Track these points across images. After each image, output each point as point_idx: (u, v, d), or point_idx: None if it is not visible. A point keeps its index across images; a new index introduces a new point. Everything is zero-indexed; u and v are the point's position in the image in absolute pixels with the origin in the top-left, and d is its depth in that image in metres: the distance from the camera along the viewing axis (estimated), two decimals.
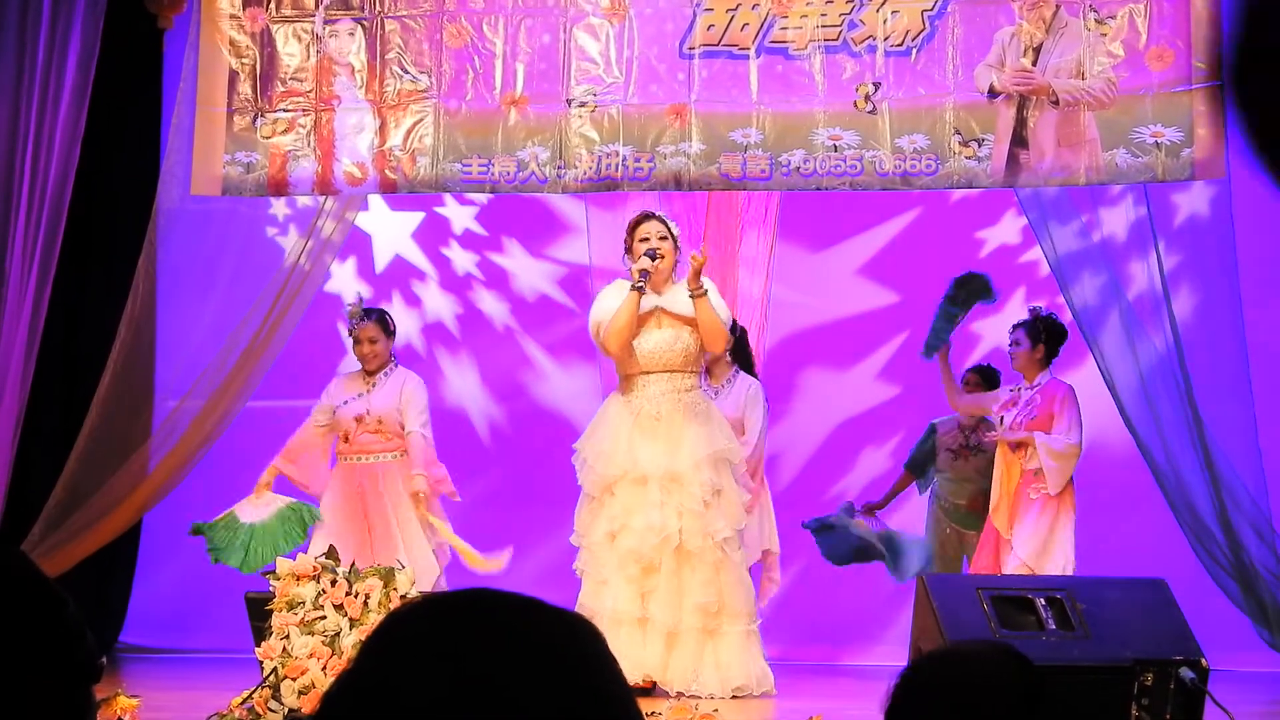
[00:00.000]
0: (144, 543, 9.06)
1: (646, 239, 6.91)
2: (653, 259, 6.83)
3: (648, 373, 6.91)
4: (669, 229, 6.97)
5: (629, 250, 7.02)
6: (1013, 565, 7.53)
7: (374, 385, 7.81)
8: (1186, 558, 7.61)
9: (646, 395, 6.88)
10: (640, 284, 6.81)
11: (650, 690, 6.59)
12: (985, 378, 8.57)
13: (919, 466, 8.64)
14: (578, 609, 6.69)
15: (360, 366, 7.87)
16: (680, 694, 6.52)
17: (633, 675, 6.55)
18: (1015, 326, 7.92)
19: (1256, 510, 7.52)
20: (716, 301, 6.91)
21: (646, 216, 7.04)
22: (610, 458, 6.79)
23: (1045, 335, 7.79)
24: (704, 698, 6.50)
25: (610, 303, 6.95)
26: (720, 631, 6.74)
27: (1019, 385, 7.87)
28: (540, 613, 1.29)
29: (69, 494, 8.12)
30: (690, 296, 6.82)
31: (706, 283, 6.91)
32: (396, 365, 7.92)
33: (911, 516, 8.65)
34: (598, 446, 6.87)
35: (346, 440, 7.78)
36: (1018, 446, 7.66)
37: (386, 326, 7.90)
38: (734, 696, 6.62)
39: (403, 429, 7.72)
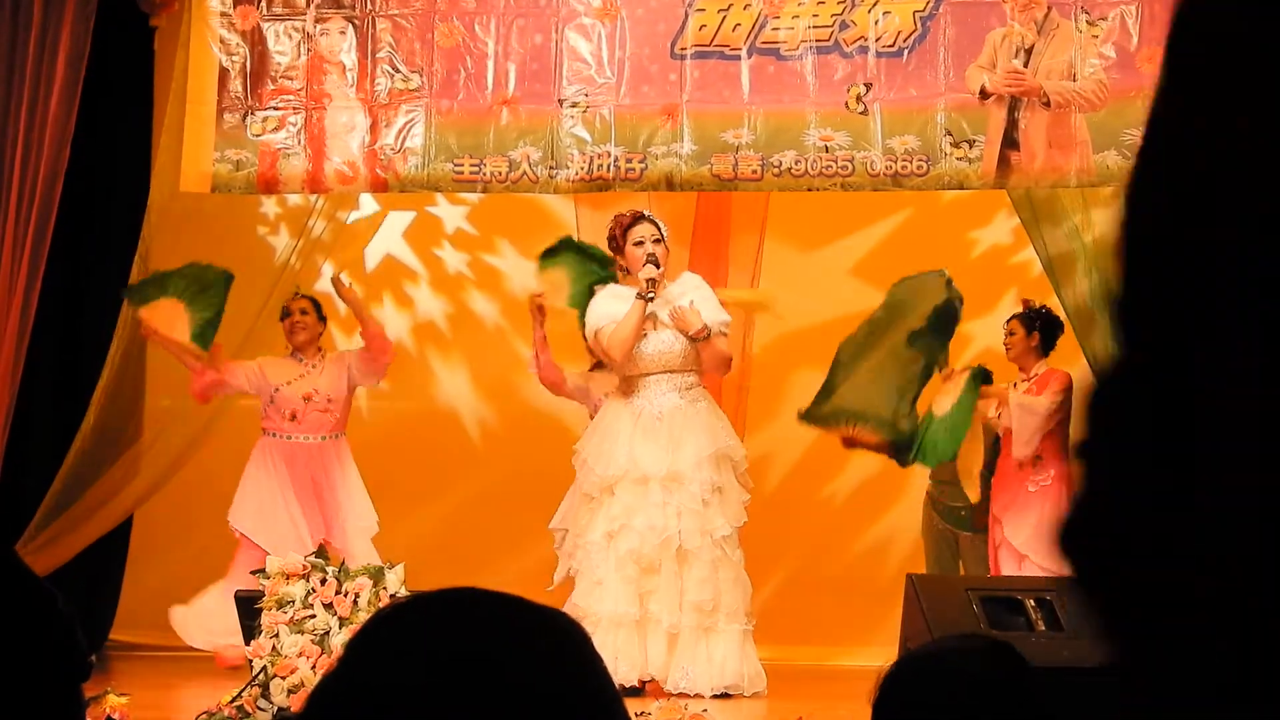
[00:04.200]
0: (134, 540, 9.05)
1: (641, 243, 6.90)
2: (657, 267, 6.84)
3: (648, 374, 6.91)
4: (660, 231, 6.98)
5: (619, 250, 7.00)
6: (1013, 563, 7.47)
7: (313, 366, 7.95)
8: None
9: (648, 396, 6.88)
10: (650, 294, 6.82)
11: (640, 690, 6.58)
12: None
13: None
14: (569, 609, 6.69)
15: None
16: (669, 693, 6.52)
17: (630, 676, 6.54)
18: (1009, 319, 7.94)
19: None
20: (716, 320, 6.92)
21: (639, 219, 7.02)
22: (611, 458, 6.79)
23: (1040, 323, 7.80)
24: (693, 696, 6.50)
25: (607, 309, 6.93)
26: (716, 629, 6.74)
27: (1016, 381, 7.83)
28: (527, 611, 1.29)
29: (63, 492, 8.13)
30: (694, 340, 6.86)
31: (699, 296, 6.92)
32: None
33: (905, 514, 8.66)
34: (598, 446, 6.87)
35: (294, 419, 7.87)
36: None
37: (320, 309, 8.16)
38: (724, 695, 6.62)
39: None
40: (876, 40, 7.58)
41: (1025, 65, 7.50)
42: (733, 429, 7.11)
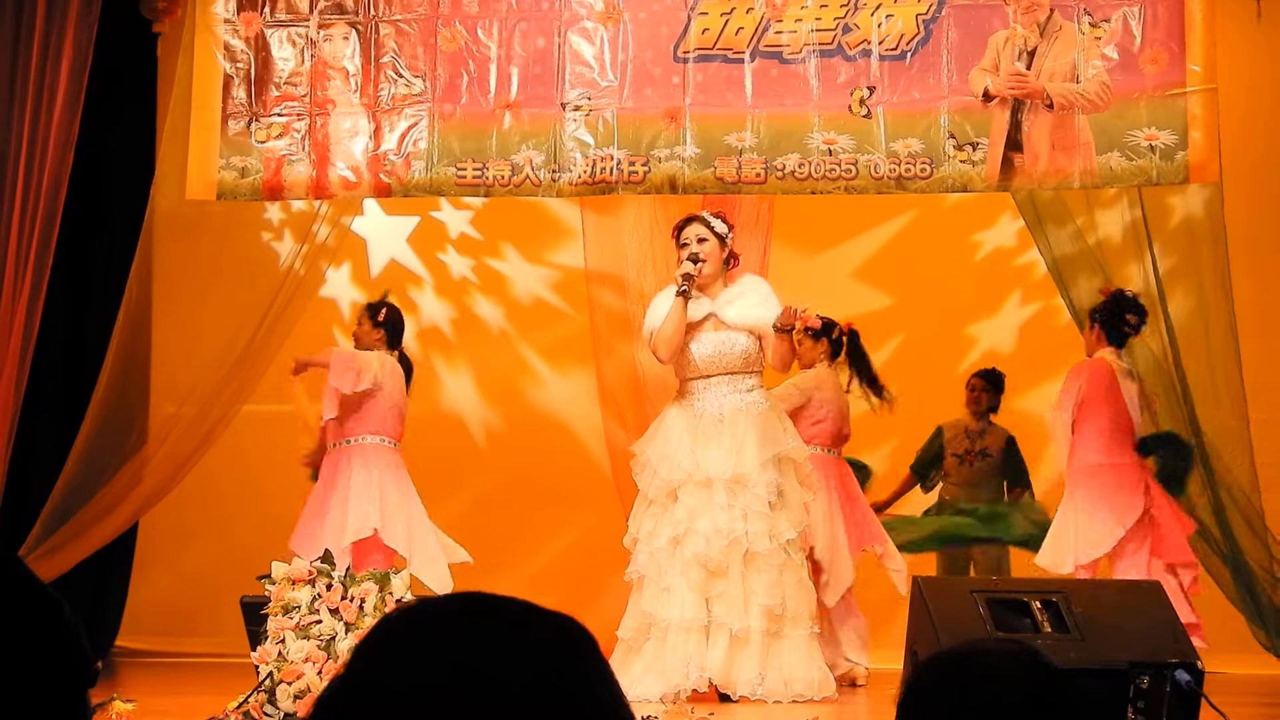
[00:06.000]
0: (140, 546, 9.06)
1: (686, 244, 6.86)
2: (695, 262, 6.79)
3: (708, 376, 6.84)
4: (710, 228, 6.90)
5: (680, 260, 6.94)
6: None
7: None
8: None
9: (708, 399, 6.81)
10: (684, 288, 6.77)
11: (730, 698, 6.53)
12: (992, 382, 8.57)
13: (924, 468, 8.63)
14: (635, 616, 6.67)
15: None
16: (744, 699, 6.49)
17: (698, 681, 6.51)
18: (1133, 310, 7.53)
19: (1251, 508, 7.54)
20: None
21: (686, 221, 6.96)
22: (674, 461, 6.70)
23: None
24: (770, 702, 6.47)
25: (659, 310, 6.89)
26: (782, 635, 6.67)
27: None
28: (534, 616, 1.29)
29: (66, 499, 8.12)
30: (776, 330, 6.77)
31: (759, 296, 6.87)
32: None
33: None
34: (660, 450, 6.77)
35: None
36: None
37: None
38: (794, 701, 6.56)
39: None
40: (879, 43, 7.58)
41: (1028, 67, 7.50)
42: (796, 431, 7.06)
